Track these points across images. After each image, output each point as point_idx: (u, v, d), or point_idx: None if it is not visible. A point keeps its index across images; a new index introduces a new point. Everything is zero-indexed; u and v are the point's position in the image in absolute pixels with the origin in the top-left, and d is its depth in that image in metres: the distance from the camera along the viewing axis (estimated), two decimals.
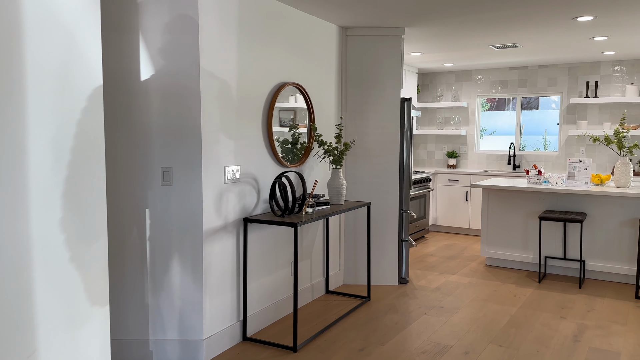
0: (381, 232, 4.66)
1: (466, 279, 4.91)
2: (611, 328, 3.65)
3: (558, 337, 3.49)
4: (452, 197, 7.05)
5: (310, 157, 4.13)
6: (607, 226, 4.79)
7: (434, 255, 5.84)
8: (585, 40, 5.14)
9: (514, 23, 4.39)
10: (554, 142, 8.00)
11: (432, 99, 7.73)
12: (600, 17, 4.14)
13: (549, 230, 5.06)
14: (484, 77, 7.33)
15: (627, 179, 4.76)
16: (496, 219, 5.32)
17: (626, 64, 6.38)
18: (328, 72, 4.34)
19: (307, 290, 4.20)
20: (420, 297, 4.36)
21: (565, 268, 5.04)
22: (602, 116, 6.56)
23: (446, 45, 5.48)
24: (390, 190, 4.61)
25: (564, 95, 6.79)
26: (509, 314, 3.94)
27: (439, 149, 7.76)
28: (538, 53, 5.94)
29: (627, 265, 4.72)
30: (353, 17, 4.16)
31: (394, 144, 4.58)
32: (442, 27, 4.58)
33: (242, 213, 3.42)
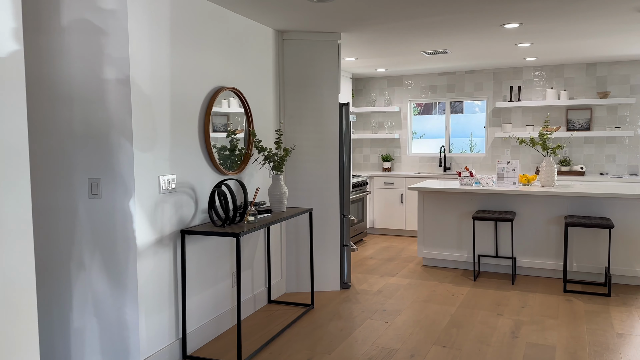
0: (323, 238, 4.61)
1: (405, 280, 4.98)
2: (545, 322, 3.82)
3: (497, 335, 3.60)
4: (388, 199, 7.16)
5: (250, 163, 4.01)
6: (535, 224, 5.03)
7: (374, 258, 5.88)
8: (510, 47, 5.39)
9: (445, 29, 4.52)
10: (480, 144, 8.35)
11: (366, 104, 7.83)
12: (525, 24, 4.34)
13: (482, 230, 5.24)
14: (414, 83, 7.51)
15: (552, 178, 5.03)
16: (431, 220, 5.45)
17: (546, 70, 6.78)
18: (265, 76, 4.24)
19: (249, 301, 4.06)
20: (363, 301, 4.35)
21: (497, 265, 5.24)
22: (525, 119, 6.92)
23: (380, 51, 5.55)
24: (331, 195, 4.58)
25: (489, 100, 7.10)
26: (449, 314, 4.02)
27: (374, 153, 7.86)
28: (466, 59, 6.16)
29: (555, 260, 4.98)
30: (289, 21, 4.09)
31: (334, 148, 4.56)
32: (376, 33, 4.62)
33: (179, 225, 3.24)
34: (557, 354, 3.25)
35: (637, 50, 5.65)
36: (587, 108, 6.58)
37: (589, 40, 5.06)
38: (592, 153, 6.62)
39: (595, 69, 6.53)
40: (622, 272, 4.71)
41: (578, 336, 3.53)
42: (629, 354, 3.24)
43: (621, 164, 6.49)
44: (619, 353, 3.25)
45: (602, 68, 6.50)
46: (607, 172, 6.56)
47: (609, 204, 4.73)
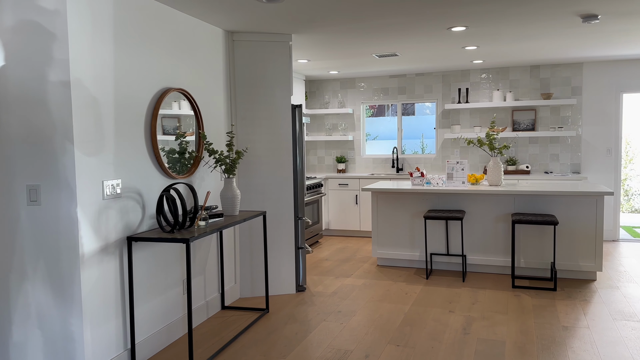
0: (277, 241, 4.57)
1: (360, 280, 5.00)
2: (495, 318, 3.92)
3: (449, 332, 3.66)
4: (343, 201, 7.19)
5: (201, 166, 3.92)
6: (484, 222, 5.17)
7: (329, 260, 5.88)
8: (458, 50, 5.52)
9: (395, 32, 4.57)
10: (431, 145, 8.52)
11: (319, 106, 7.84)
12: (471, 28, 4.46)
13: (433, 229, 5.34)
14: (366, 85, 7.59)
15: (499, 177, 5.18)
16: (385, 221, 5.51)
17: (492, 72, 7.00)
18: (216, 77, 4.16)
19: (202, 308, 3.97)
20: (318, 303, 4.34)
21: (449, 263, 5.35)
22: (473, 120, 7.12)
23: (332, 53, 5.57)
24: (285, 197, 4.55)
25: (439, 102, 7.26)
26: (403, 313, 4.07)
27: (328, 155, 7.88)
28: (416, 62, 6.27)
29: (503, 257, 5.13)
30: (239, 22, 4.03)
31: (287, 151, 4.53)
32: (327, 35, 4.62)
33: (125, 231, 3.12)
34: (507, 349, 3.34)
35: (577, 53, 5.91)
36: (531, 109, 6.84)
37: (533, 43, 5.25)
38: (537, 152, 6.88)
39: (538, 71, 6.80)
40: (566, 267, 4.91)
41: (526, 330, 3.65)
42: (574, 345, 3.37)
43: (564, 163, 6.78)
44: (564, 345, 3.37)
45: (545, 70, 6.77)
46: (551, 170, 6.83)
47: (554, 202, 4.92)
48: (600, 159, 6.65)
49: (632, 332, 3.57)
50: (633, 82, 6.48)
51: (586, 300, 4.28)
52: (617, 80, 6.53)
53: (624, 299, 4.29)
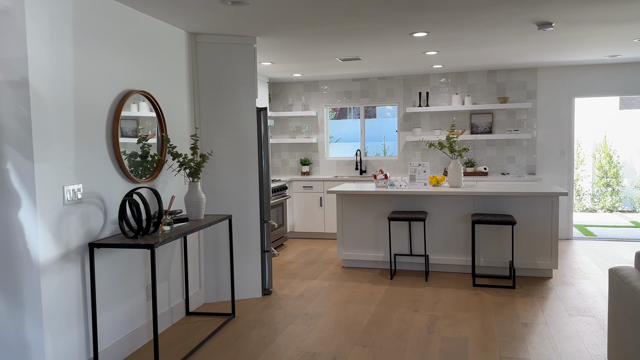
0: (243, 245, 4.54)
1: (326, 282, 5.03)
2: (457, 316, 4.02)
3: (414, 331, 3.74)
4: (308, 203, 7.21)
5: (164, 170, 3.85)
6: (445, 222, 5.30)
7: (294, 262, 5.89)
8: (419, 54, 5.64)
9: (359, 37, 4.63)
10: (392, 148, 8.64)
11: (283, 108, 7.83)
12: (432, 34, 4.56)
13: (397, 230, 5.43)
14: (330, 88, 7.64)
15: (459, 179, 5.32)
16: (350, 222, 5.56)
17: (451, 76, 7.18)
18: (179, 79, 4.10)
19: (166, 314, 3.90)
20: (285, 306, 4.34)
21: (412, 263, 5.45)
22: (433, 123, 7.28)
23: (296, 56, 5.58)
24: (250, 201, 4.52)
25: (400, 105, 7.39)
26: (369, 313, 4.11)
27: (292, 157, 7.88)
28: (378, 65, 6.37)
29: (464, 256, 5.27)
30: (202, 24, 3.99)
31: (252, 153, 4.51)
32: (292, 38, 4.64)
33: (87, 237, 3.04)
34: (470, 346, 3.43)
35: (532, 58, 6.14)
36: (488, 112, 7.05)
37: (490, 49, 5.42)
38: (494, 155, 7.10)
39: (495, 75, 7.02)
40: (524, 265, 5.08)
41: (488, 328, 3.76)
42: (534, 341, 3.50)
43: (520, 164, 7.02)
44: (524, 341, 3.50)
45: (502, 75, 7.00)
46: (507, 172, 7.06)
47: (511, 202, 5.09)
48: (554, 160, 6.92)
49: (586, 327, 3.74)
50: (584, 87, 6.78)
51: (543, 297, 4.45)
52: (569, 85, 6.82)
53: (578, 295, 4.48)
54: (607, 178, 10.07)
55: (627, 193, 10.08)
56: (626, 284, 2.63)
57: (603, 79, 6.71)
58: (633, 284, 2.56)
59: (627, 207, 10.01)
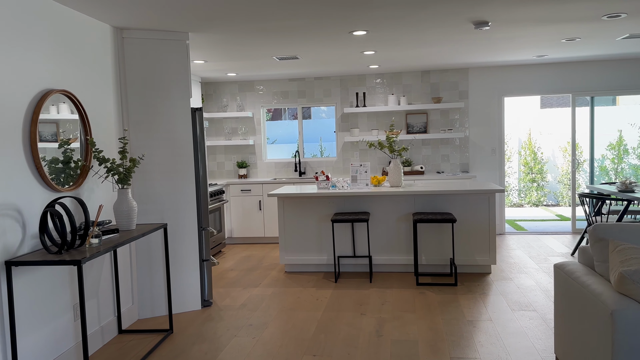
0: (180, 255, 4.26)
1: (269, 289, 4.85)
2: (405, 317, 3.98)
3: (363, 335, 3.64)
4: (246, 207, 6.98)
5: (90, 177, 3.52)
6: (388, 222, 5.28)
7: (234, 270, 5.65)
8: (357, 54, 5.59)
9: (297, 34, 4.49)
10: (330, 148, 8.57)
11: (217, 109, 7.54)
12: (372, 32, 4.51)
13: (340, 231, 5.34)
14: (265, 88, 7.45)
15: (399, 178, 5.32)
16: (292, 226, 5.40)
17: (386, 77, 7.21)
18: (105, 78, 3.77)
19: (96, 334, 3.56)
20: (227, 318, 4.11)
21: (355, 265, 5.39)
22: (371, 123, 7.28)
23: (231, 54, 5.35)
24: (187, 207, 4.25)
25: (338, 105, 7.33)
26: (316, 320, 3.98)
27: (228, 160, 7.61)
28: (316, 65, 6.26)
29: (406, 255, 5.27)
30: (128, 17, 3.69)
31: (187, 157, 4.24)
32: (226, 35, 4.42)
33: (3, 255, 2.68)
34: (420, 348, 3.39)
35: (463, 59, 6.28)
36: (423, 112, 7.15)
37: (426, 49, 5.47)
38: (429, 154, 7.21)
39: (429, 76, 7.13)
40: (464, 262, 5.16)
41: (435, 328, 3.74)
42: (481, 339, 3.51)
43: (454, 163, 7.18)
44: (472, 340, 3.50)
45: (435, 75, 7.12)
46: (442, 170, 7.20)
47: (450, 200, 5.15)
48: (485, 158, 7.14)
49: (530, 321, 3.81)
50: (512, 87, 7.04)
51: (485, 293, 4.52)
52: (498, 84, 7.05)
53: (518, 289, 4.59)
54: (533, 174, 10.58)
55: (551, 188, 10.65)
56: (574, 280, 2.66)
57: (529, 79, 7.00)
58: (581, 279, 2.60)
59: (551, 201, 10.57)
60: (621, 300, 2.21)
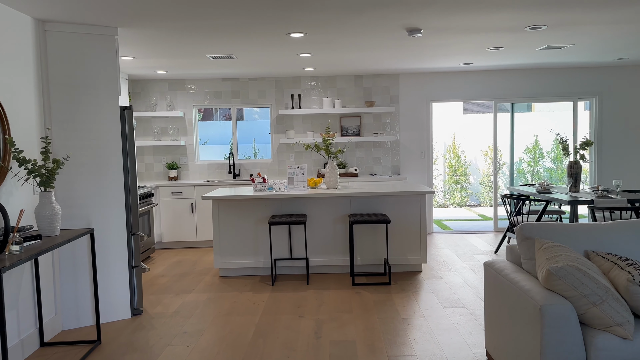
0: (108, 261, 4.04)
1: (204, 295, 4.71)
2: (342, 318, 4.01)
3: (302, 338, 3.63)
4: (177, 210, 6.75)
5: (8, 179, 3.24)
6: (324, 224, 5.31)
7: (166, 276, 5.44)
8: (293, 56, 5.58)
9: (233, 33, 4.41)
10: (264, 150, 8.50)
11: (145, 108, 7.24)
12: (309, 35, 4.52)
13: (277, 234, 5.31)
14: (197, 87, 7.26)
15: (335, 181, 5.37)
16: (227, 229, 5.30)
17: (321, 80, 7.27)
18: (25, 73, 3.49)
19: (16, 348, 3.29)
20: (159, 326, 3.95)
21: (292, 267, 5.37)
22: (306, 125, 7.30)
23: (161, 51, 5.16)
24: (115, 211, 4.04)
25: (273, 107, 7.29)
26: (254, 324, 3.92)
27: (158, 161, 7.33)
28: (250, 66, 6.19)
29: (342, 256, 5.33)
30: (51, 9, 3.45)
31: (116, 157, 4.03)
32: (157, 31, 4.25)
33: None
34: (358, 348, 3.43)
35: (395, 65, 6.46)
36: (357, 116, 7.28)
37: (360, 54, 5.56)
38: (362, 156, 7.35)
39: (362, 80, 7.27)
40: (398, 262, 5.30)
41: (372, 327, 3.80)
42: (416, 336, 3.61)
43: (386, 165, 7.36)
44: (408, 338, 3.59)
45: (368, 80, 7.27)
46: (375, 172, 7.36)
47: (385, 201, 5.27)
48: (415, 160, 7.38)
49: (460, 317, 3.97)
50: (440, 93, 7.33)
51: (417, 291, 4.66)
52: (427, 90, 7.32)
53: (447, 287, 4.78)
54: (457, 176, 11.08)
55: (474, 189, 11.21)
56: (503, 277, 2.81)
57: (455, 86, 7.32)
58: (510, 276, 2.74)
59: (473, 202, 11.12)
60: (549, 296, 2.36)
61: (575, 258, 2.46)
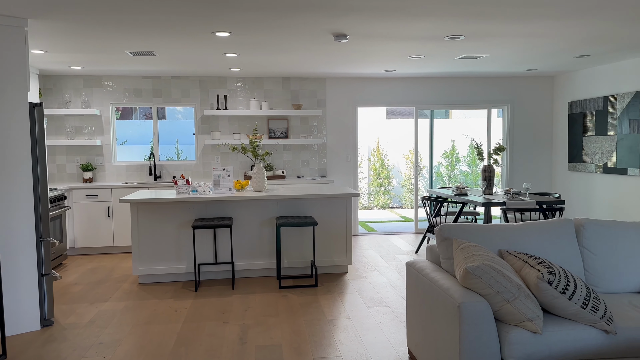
0: (14, 269, 3.72)
1: (121, 303, 4.48)
2: (268, 322, 3.97)
3: (227, 344, 3.55)
4: (92, 214, 6.37)
5: None
6: (251, 227, 5.24)
7: (79, 284, 5.11)
8: (219, 56, 5.47)
9: (155, 29, 4.25)
10: (188, 151, 8.25)
11: (58, 105, 6.79)
12: (235, 35, 4.45)
13: (201, 238, 5.16)
14: (115, 84, 6.91)
15: (263, 183, 5.32)
16: (147, 234, 5.07)
17: (248, 81, 7.18)
18: None
19: None
20: (72, 337, 3.70)
21: (217, 272, 5.25)
22: (232, 127, 7.18)
23: (76, 46, 4.86)
24: (22, 215, 3.73)
25: (197, 107, 7.10)
26: (175, 332, 3.78)
27: (71, 162, 6.89)
28: (173, 64, 5.99)
29: (269, 260, 5.28)
30: None
31: (24, 158, 3.73)
32: (72, 24, 4.00)
33: None
34: (284, 352, 3.40)
35: (322, 69, 6.52)
36: (284, 118, 7.26)
37: (287, 56, 5.56)
38: (290, 159, 7.34)
39: (289, 83, 7.27)
40: (324, 263, 5.34)
41: (298, 330, 3.79)
42: (341, 337, 3.65)
43: (313, 168, 7.41)
44: (333, 339, 3.62)
45: (295, 83, 7.28)
46: (302, 175, 7.38)
47: (312, 204, 5.29)
48: (341, 164, 7.49)
49: (384, 316, 4.07)
50: (365, 98, 7.49)
51: (343, 292, 4.72)
52: (353, 95, 7.45)
53: (372, 287, 4.88)
54: (380, 179, 11.39)
55: (396, 192, 11.57)
56: (424, 276, 2.90)
57: (379, 91, 7.52)
58: (430, 276, 2.84)
59: (396, 203, 11.48)
60: (466, 294, 2.47)
61: (490, 257, 2.59)
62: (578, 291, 2.47)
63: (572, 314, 2.46)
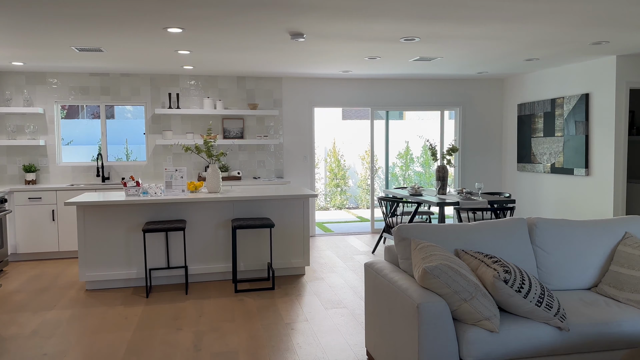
0: None
1: (67, 312, 4.25)
2: (224, 328, 3.86)
3: (180, 352, 3.42)
4: (35, 218, 6.04)
5: None
6: (206, 230, 5.09)
7: (22, 291, 4.82)
8: (170, 53, 5.29)
9: (102, 24, 4.05)
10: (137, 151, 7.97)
11: None
12: (188, 31, 4.30)
13: (153, 242, 4.97)
14: (61, 82, 6.59)
15: (217, 184, 5.18)
16: (95, 238, 4.84)
17: (202, 80, 7.00)
18: None
19: None
20: (14, 349, 3.46)
21: (170, 277, 5.07)
22: (185, 126, 6.99)
23: (17, 40, 4.58)
24: None
25: (148, 105, 6.87)
26: (126, 341, 3.61)
27: (12, 163, 6.50)
28: (123, 60, 5.75)
29: (224, 263, 5.15)
30: None
31: None
32: (12, 17, 3.75)
33: None
34: (241, 359, 3.31)
35: (278, 68, 6.44)
36: (240, 118, 7.13)
37: (243, 55, 5.45)
38: (246, 159, 7.22)
39: (245, 82, 7.14)
40: (281, 265, 5.26)
41: (255, 335, 3.70)
42: (299, 341, 3.59)
43: (270, 169, 7.31)
44: (291, 343, 3.55)
45: (251, 82, 7.17)
46: (259, 176, 7.27)
47: (268, 205, 5.20)
48: (298, 164, 7.43)
49: (341, 318, 4.04)
50: (322, 98, 7.47)
51: (300, 294, 4.66)
52: (309, 95, 7.41)
53: (329, 288, 4.85)
54: (337, 179, 11.41)
55: (352, 192, 11.62)
56: (382, 277, 2.88)
57: (336, 92, 7.51)
58: (389, 276, 2.83)
59: (352, 204, 11.53)
60: (425, 294, 2.46)
61: (448, 257, 2.60)
62: (533, 289, 2.51)
63: (527, 312, 2.50)
